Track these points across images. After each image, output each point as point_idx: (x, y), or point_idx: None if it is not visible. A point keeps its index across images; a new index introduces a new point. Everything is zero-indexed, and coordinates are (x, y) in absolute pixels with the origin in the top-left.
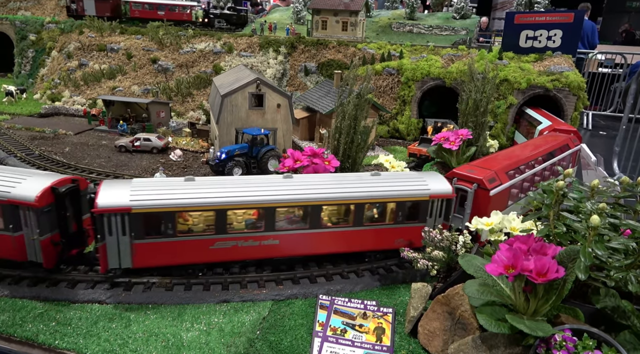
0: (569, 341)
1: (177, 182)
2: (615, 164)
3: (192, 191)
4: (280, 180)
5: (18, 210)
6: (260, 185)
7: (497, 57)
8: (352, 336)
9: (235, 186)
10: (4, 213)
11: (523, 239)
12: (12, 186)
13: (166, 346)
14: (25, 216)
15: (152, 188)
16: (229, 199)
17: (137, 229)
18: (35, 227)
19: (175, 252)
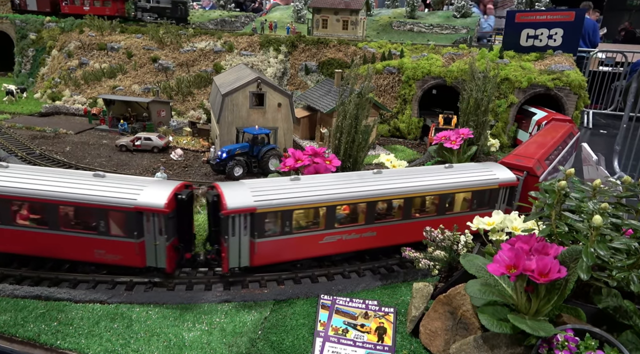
0: (571, 341)
1: (285, 182)
2: (615, 162)
3: (303, 189)
4: (374, 175)
5: (142, 217)
6: (360, 181)
7: (498, 56)
8: (354, 336)
9: (338, 183)
10: (128, 220)
11: (525, 239)
12: (136, 193)
13: (168, 346)
14: (148, 223)
15: (269, 189)
16: (338, 195)
17: (259, 228)
18: (161, 233)
19: (290, 249)
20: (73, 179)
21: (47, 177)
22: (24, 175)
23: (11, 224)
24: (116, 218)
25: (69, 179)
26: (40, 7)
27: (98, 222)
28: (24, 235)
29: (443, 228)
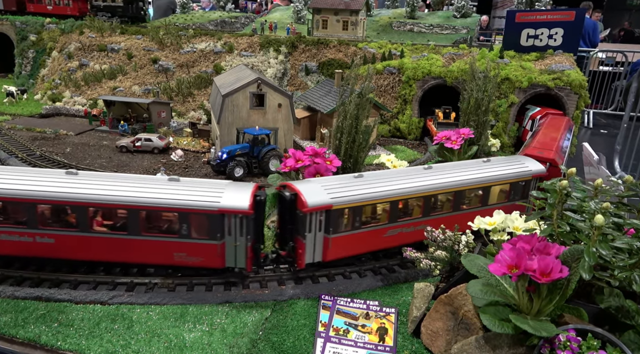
0: (573, 341)
1: (350, 179)
2: (616, 162)
3: (369, 186)
4: (426, 171)
5: (224, 219)
6: (417, 176)
7: (499, 55)
8: (355, 337)
9: (398, 179)
10: (211, 223)
11: (526, 239)
12: (218, 196)
13: (168, 347)
14: (230, 224)
15: (340, 186)
16: (400, 191)
17: (334, 224)
18: (242, 233)
19: (357, 243)
20: (151, 184)
21: (123, 183)
22: (97, 182)
23: (88, 231)
24: (199, 221)
25: (147, 185)
26: (6, 6)
27: (180, 225)
28: (101, 241)
29: (444, 228)
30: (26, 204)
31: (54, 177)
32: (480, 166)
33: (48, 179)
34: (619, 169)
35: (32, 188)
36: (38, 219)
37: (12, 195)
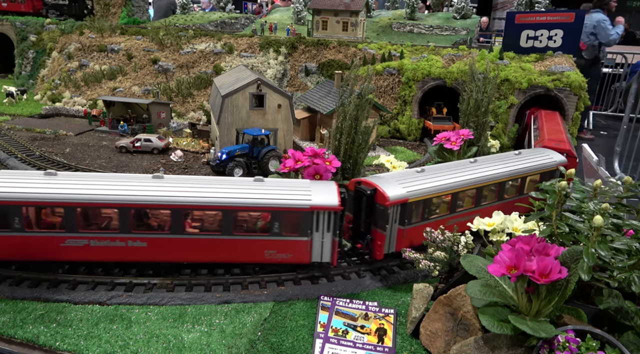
0: (572, 342)
1: (414, 173)
2: (616, 164)
3: (434, 179)
4: (474, 164)
5: (315, 216)
6: (470, 169)
7: (498, 57)
8: (354, 337)
9: (454, 172)
10: (303, 220)
11: (525, 240)
12: (308, 194)
13: (167, 348)
14: (319, 221)
15: (411, 180)
16: (461, 182)
17: (408, 216)
18: (329, 229)
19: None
20: (239, 185)
21: (212, 186)
22: (187, 185)
23: (181, 233)
24: (291, 219)
25: (235, 186)
26: None
27: (272, 224)
28: (194, 243)
29: (443, 229)
30: (121, 209)
31: (142, 181)
32: (515, 159)
33: (137, 183)
34: (618, 171)
35: (125, 193)
36: (131, 224)
37: (107, 201)
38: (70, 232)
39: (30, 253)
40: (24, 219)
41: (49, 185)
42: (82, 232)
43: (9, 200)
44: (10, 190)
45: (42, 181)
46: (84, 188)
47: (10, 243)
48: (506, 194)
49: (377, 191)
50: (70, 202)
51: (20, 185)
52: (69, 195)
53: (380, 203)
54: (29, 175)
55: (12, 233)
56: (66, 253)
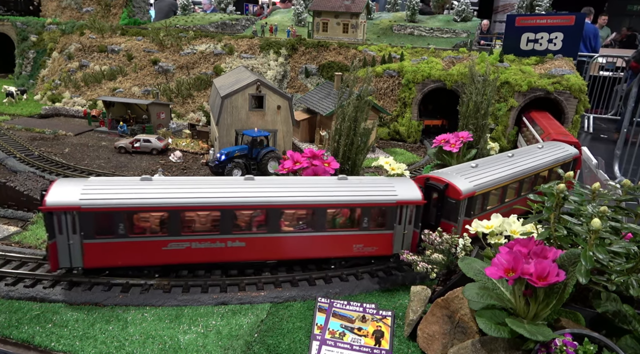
0: (569, 345)
1: (469, 167)
2: (616, 167)
3: (486, 174)
4: (511, 158)
5: (400, 210)
6: (512, 163)
7: (498, 59)
8: (351, 340)
9: (503, 166)
10: (389, 214)
11: (523, 242)
12: (393, 190)
13: (163, 349)
14: (403, 214)
15: (472, 174)
16: (509, 176)
17: (473, 208)
18: (410, 222)
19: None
20: (326, 184)
21: (303, 186)
22: (278, 186)
23: (278, 232)
24: (379, 214)
25: (323, 185)
26: None
27: (362, 219)
28: (289, 241)
29: (441, 231)
30: (223, 211)
31: (235, 183)
32: (542, 152)
33: (232, 186)
34: (618, 174)
35: (224, 196)
36: (232, 225)
37: (209, 204)
38: (173, 236)
39: (133, 258)
40: (128, 225)
41: (150, 190)
42: (184, 235)
43: (115, 206)
44: (113, 196)
45: (142, 187)
46: (184, 192)
47: (115, 249)
48: (536, 185)
49: (450, 186)
50: (174, 206)
51: (121, 191)
52: (172, 199)
53: (453, 197)
54: (123, 181)
55: (116, 239)
56: (168, 257)
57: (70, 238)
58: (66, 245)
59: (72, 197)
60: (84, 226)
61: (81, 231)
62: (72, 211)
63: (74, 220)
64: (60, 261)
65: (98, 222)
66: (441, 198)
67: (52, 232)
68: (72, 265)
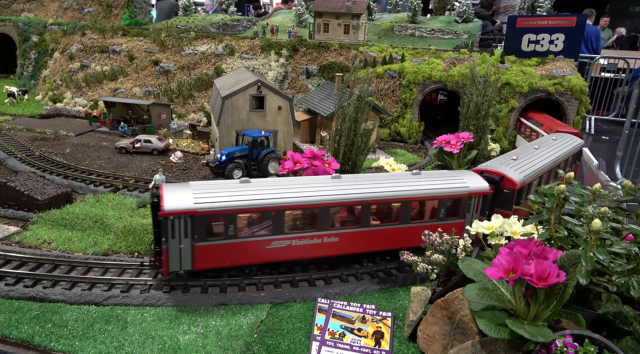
0: (569, 346)
1: (509, 159)
2: (617, 168)
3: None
4: (537, 150)
5: (471, 199)
6: (540, 155)
7: (499, 60)
8: (351, 340)
9: (537, 159)
10: (462, 204)
11: (524, 243)
12: (464, 182)
13: (162, 349)
14: (473, 203)
15: (518, 167)
16: (544, 167)
17: (521, 199)
18: (479, 210)
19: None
20: (403, 179)
21: (383, 182)
22: (363, 183)
23: (368, 226)
24: (454, 204)
25: (403, 180)
26: None
27: (439, 210)
28: (377, 234)
29: (441, 231)
30: (321, 208)
31: (325, 182)
32: (558, 143)
33: (324, 185)
34: (620, 175)
35: (321, 194)
36: (328, 222)
37: (309, 202)
38: (276, 235)
39: (239, 259)
40: (237, 226)
41: (254, 192)
42: (286, 233)
43: (227, 209)
44: (223, 199)
45: (245, 189)
46: (285, 192)
47: (224, 251)
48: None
49: (505, 178)
50: (278, 206)
51: (229, 194)
52: (277, 200)
53: (509, 188)
54: (225, 185)
55: (226, 241)
56: (271, 255)
57: (182, 242)
58: (177, 249)
59: (187, 202)
60: (197, 230)
61: (194, 234)
62: (187, 215)
63: (186, 224)
64: (170, 266)
65: (210, 225)
66: (496, 189)
67: (166, 238)
68: (182, 268)
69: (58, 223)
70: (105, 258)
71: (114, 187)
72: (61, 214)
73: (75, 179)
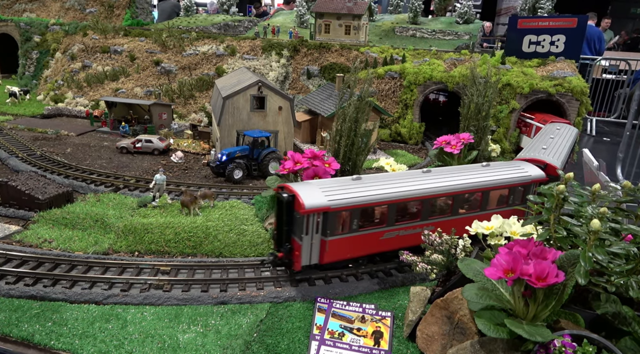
0: (568, 346)
1: (541, 149)
2: (618, 170)
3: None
4: (550, 139)
5: (531, 187)
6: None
7: (500, 61)
8: (350, 340)
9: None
10: (525, 191)
11: (523, 243)
12: (525, 171)
13: (162, 348)
14: (532, 190)
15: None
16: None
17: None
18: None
19: None
20: (480, 170)
21: (466, 173)
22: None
23: (457, 214)
24: (521, 191)
25: (480, 171)
26: None
27: (509, 197)
28: (462, 222)
29: (441, 232)
30: (424, 201)
31: (417, 176)
32: (562, 132)
33: (419, 178)
34: (621, 177)
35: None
36: (428, 212)
37: (416, 195)
38: (389, 226)
39: (358, 250)
40: (359, 220)
41: (370, 187)
42: (396, 224)
43: (354, 204)
44: (348, 196)
45: (362, 185)
46: (394, 187)
47: (347, 244)
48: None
49: (548, 165)
50: (393, 199)
51: (351, 191)
52: (391, 194)
53: (552, 174)
54: (342, 182)
55: (350, 234)
56: (382, 245)
57: (313, 238)
58: (309, 245)
59: (322, 199)
60: (328, 225)
61: (325, 229)
62: (321, 212)
63: (319, 220)
64: (302, 260)
65: (339, 220)
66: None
67: (303, 234)
68: (310, 263)
69: (59, 222)
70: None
71: (115, 186)
72: (62, 214)
73: (76, 179)
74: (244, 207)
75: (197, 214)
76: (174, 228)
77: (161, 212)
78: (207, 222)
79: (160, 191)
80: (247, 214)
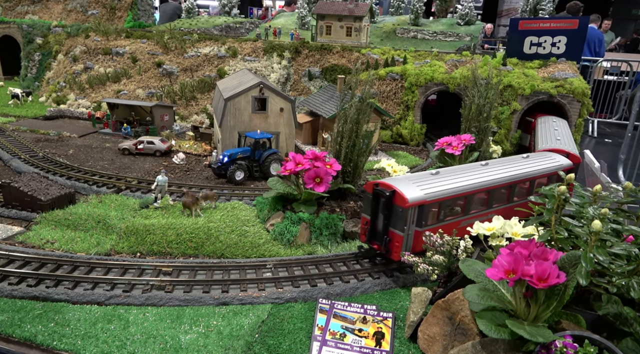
0: (569, 347)
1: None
2: (620, 171)
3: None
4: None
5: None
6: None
7: (501, 63)
8: (352, 341)
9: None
10: (558, 179)
11: (524, 244)
12: (559, 160)
13: (164, 349)
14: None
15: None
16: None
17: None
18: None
19: None
20: (522, 161)
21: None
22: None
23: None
24: (555, 179)
25: (523, 162)
26: None
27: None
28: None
29: (442, 232)
30: (493, 190)
31: (484, 168)
32: (557, 124)
33: (483, 170)
34: (622, 178)
35: (495, 177)
36: (494, 200)
37: (484, 186)
38: (465, 215)
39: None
40: (445, 211)
41: (449, 180)
42: (470, 213)
43: (441, 197)
44: (436, 189)
45: (444, 178)
46: (469, 179)
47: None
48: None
49: (570, 154)
50: (471, 190)
51: (435, 184)
52: (468, 185)
53: (575, 162)
54: (423, 176)
55: (437, 224)
56: (458, 234)
57: (410, 229)
58: (406, 236)
59: (419, 193)
60: (423, 217)
61: (420, 221)
62: (419, 205)
63: (416, 213)
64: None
65: (431, 211)
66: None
67: (403, 226)
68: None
69: (61, 223)
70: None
71: (117, 188)
72: (64, 215)
73: (78, 180)
74: (246, 209)
75: (198, 215)
76: (175, 229)
77: (163, 213)
78: (209, 224)
79: (162, 193)
80: (248, 215)
